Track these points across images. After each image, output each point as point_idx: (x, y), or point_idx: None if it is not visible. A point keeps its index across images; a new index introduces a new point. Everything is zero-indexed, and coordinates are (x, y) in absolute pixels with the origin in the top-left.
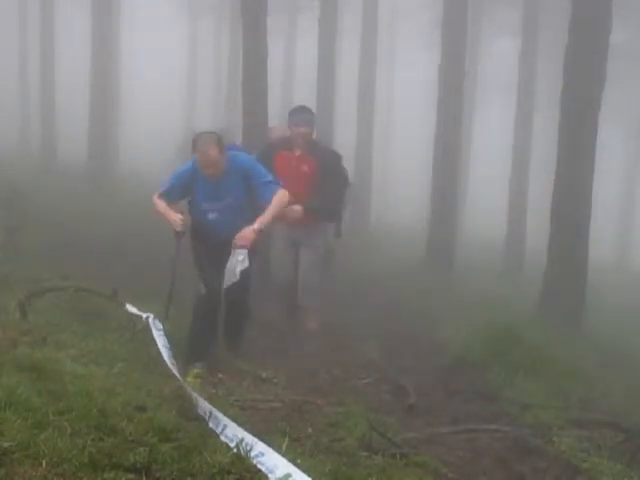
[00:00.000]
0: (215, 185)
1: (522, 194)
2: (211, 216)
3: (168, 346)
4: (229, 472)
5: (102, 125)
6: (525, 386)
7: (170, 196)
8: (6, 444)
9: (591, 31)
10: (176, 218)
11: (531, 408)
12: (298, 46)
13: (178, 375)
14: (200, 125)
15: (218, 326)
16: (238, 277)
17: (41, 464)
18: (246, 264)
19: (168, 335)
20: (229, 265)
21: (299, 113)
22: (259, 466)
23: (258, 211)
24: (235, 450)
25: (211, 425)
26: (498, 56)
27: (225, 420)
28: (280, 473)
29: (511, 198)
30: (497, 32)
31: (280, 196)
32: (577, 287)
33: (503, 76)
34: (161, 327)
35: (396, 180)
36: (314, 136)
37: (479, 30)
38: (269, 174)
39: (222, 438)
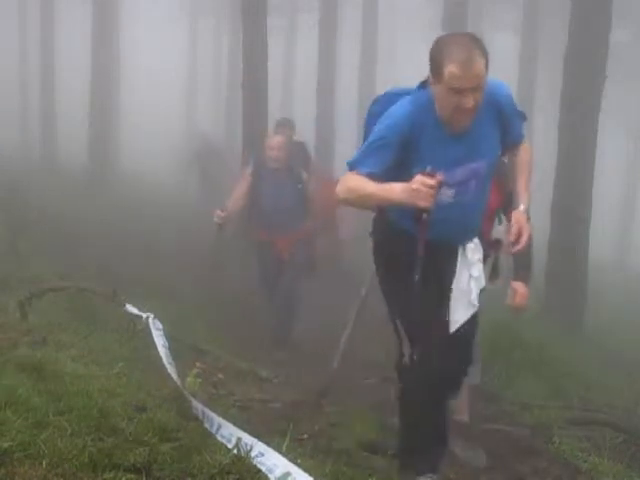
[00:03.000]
0: (458, 140)
1: None
2: (446, 197)
3: (167, 346)
4: (229, 472)
5: (102, 125)
6: (525, 386)
7: (376, 171)
8: (6, 444)
9: (591, 31)
10: (425, 189)
11: (531, 408)
12: (298, 46)
13: (175, 375)
14: (201, 127)
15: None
16: (476, 306)
17: (41, 464)
18: (482, 283)
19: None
20: (458, 286)
21: None
22: (259, 466)
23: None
24: (235, 450)
25: (206, 425)
26: (498, 56)
27: (219, 419)
28: (280, 473)
29: None
30: (497, 32)
31: (530, 154)
32: (578, 287)
33: (503, 76)
34: (161, 327)
35: None
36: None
37: (479, 30)
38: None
39: (218, 438)
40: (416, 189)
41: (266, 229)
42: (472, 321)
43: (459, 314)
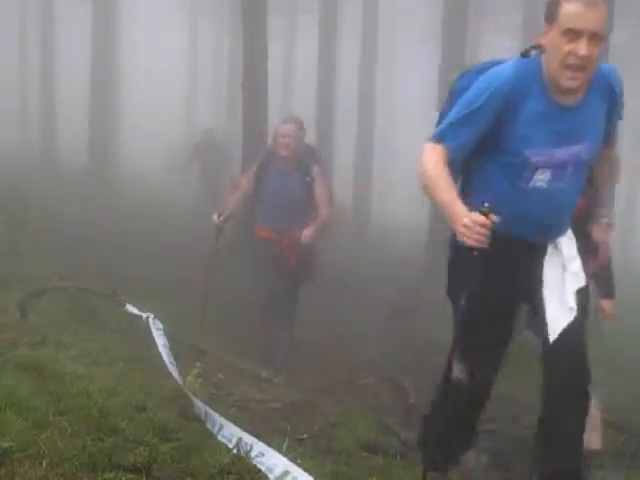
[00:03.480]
0: (562, 116)
1: None
2: (540, 182)
3: (168, 345)
4: (229, 472)
5: (102, 125)
6: (526, 386)
7: (465, 145)
8: (6, 444)
9: None
10: (477, 228)
11: (532, 408)
12: (298, 46)
13: (176, 375)
14: (202, 127)
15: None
16: (575, 311)
17: (41, 464)
18: (581, 282)
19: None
20: (549, 285)
21: None
22: (259, 466)
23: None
24: (235, 450)
25: (208, 425)
26: (498, 56)
27: (221, 420)
28: (279, 472)
29: None
30: (497, 32)
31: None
32: None
33: None
34: (161, 327)
35: (397, 180)
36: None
37: (479, 30)
38: None
39: (219, 438)
40: (467, 226)
41: (270, 222)
42: (577, 328)
43: (556, 320)
